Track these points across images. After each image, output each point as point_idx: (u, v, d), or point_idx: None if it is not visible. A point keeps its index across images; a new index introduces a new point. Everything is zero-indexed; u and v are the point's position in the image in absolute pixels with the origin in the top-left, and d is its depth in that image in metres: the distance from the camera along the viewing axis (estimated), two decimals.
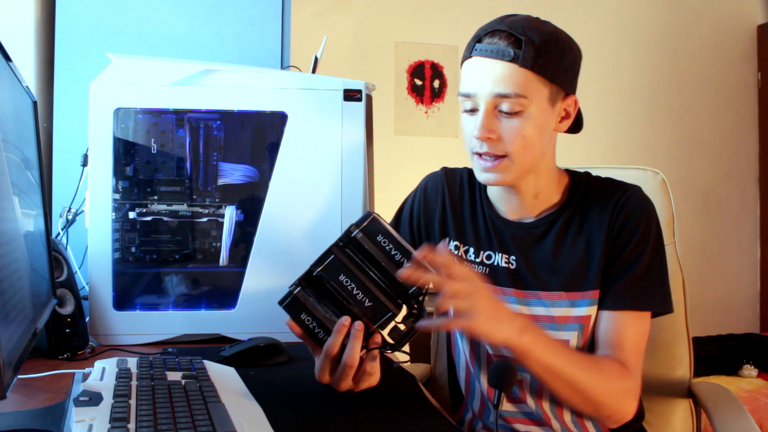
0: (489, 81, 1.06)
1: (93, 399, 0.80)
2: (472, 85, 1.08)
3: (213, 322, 1.38)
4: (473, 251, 1.19)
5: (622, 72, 3.53)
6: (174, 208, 1.44)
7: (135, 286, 1.45)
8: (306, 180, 1.39)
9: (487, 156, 1.09)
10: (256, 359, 1.17)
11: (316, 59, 1.63)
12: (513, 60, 1.05)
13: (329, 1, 2.39)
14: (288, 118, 1.38)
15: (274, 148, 1.42)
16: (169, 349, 1.22)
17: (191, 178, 1.48)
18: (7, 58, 0.91)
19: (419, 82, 3.33)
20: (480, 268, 1.18)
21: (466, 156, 1.15)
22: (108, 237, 1.34)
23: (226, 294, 1.42)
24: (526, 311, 1.13)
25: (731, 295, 3.65)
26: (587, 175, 1.19)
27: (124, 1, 1.73)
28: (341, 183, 1.39)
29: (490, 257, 1.17)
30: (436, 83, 3.35)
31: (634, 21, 3.54)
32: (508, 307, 1.02)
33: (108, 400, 0.81)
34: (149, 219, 1.43)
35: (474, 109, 1.09)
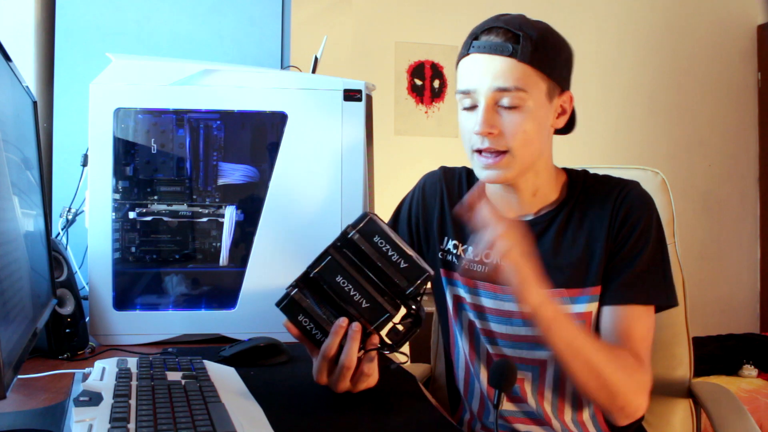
0: (488, 76, 1.06)
1: (93, 399, 0.80)
2: (471, 82, 1.09)
3: (213, 322, 1.38)
4: (472, 250, 1.19)
5: (622, 72, 3.53)
6: (174, 208, 1.44)
7: (135, 286, 1.45)
8: (306, 180, 1.39)
9: (488, 153, 1.09)
10: (256, 359, 1.17)
11: (316, 59, 1.63)
12: (512, 55, 1.05)
13: (329, 1, 2.39)
14: (288, 118, 1.38)
15: (274, 148, 1.42)
16: (169, 349, 1.21)
17: (191, 178, 1.48)
18: (7, 58, 0.91)
19: (419, 82, 3.33)
20: (479, 267, 1.18)
21: (466, 156, 1.15)
22: (108, 237, 1.34)
23: (226, 294, 1.42)
24: (522, 309, 1.13)
25: (731, 295, 3.65)
26: (585, 173, 1.20)
27: (124, 1, 1.73)
28: (341, 183, 1.39)
29: (488, 256, 1.17)
30: (436, 83, 3.35)
31: (634, 21, 3.54)
32: (541, 277, 1.01)
33: (108, 400, 0.81)
34: (149, 219, 1.43)
35: (473, 106, 1.09)
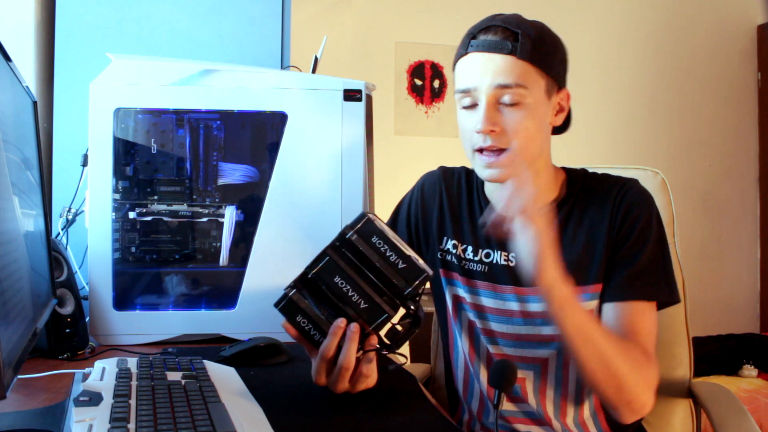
0: (489, 73, 1.07)
1: (93, 399, 0.80)
2: (471, 80, 1.09)
3: (213, 322, 1.38)
4: (471, 250, 1.19)
5: (622, 72, 3.53)
6: (174, 208, 1.44)
7: (135, 286, 1.45)
8: (306, 180, 1.39)
9: (490, 151, 1.09)
10: (256, 359, 1.17)
11: (316, 59, 1.63)
12: (511, 52, 1.06)
13: (329, 1, 2.40)
14: (288, 118, 1.38)
15: (274, 148, 1.42)
16: (169, 349, 1.21)
17: (191, 178, 1.48)
18: (7, 58, 0.91)
19: (419, 82, 3.33)
20: (479, 266, 1.17)
21: (465, 156, 1.15)
22: (108, 237, 1.34)
23: (226, 294, 1.42)
24: (525, 309, 1.13)
25: (731, 295, 3.65)
26: (584, 171, 1.20)
27: (124, 1, 1.73)
28: (341, 183, 1.39)
29: (489, 255, 1.17)
30: (436, 83, 3.35)
31: (634, 21, 3.54)
32: (559, 258, 1.00)
33: (108, 400, 0.81)
34: (149, 219, 1.43)
35: (473, 104, 1.09)
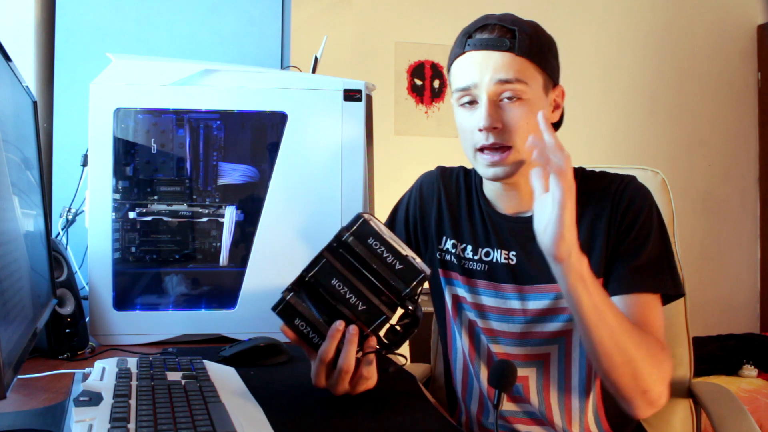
0: (489, 70, 1.07)
1: (93, 399, 0.80)
2: (471, 77, 1.09)
3: (213, 322, 1.38)
4: (471, 249, 1.19)
5: (622, 72, 3.53)
6: (174, 208, 1.44)
7: (135, 286, 1.45)
8: (306, 180, 1.39)
9: (492, 150, 1.09)
10: (256, 359, 1.17)
11: (316, 59, 1.63)
12: (509, 49, 1.06)
13: (329, 1, 2.39)
14: (288, 118, 1.38)
15: (274, 148, 1.42)
16: (169, 349, 1.21)
17: (191, 178, 1.48)
18: (7, 58, 0.91)
19: (419, 82, 3.33)
20: (478, 265, 1.17)
21: (466, 156, 1.15)
22: (108, 237, 1.34)
23: (226, 294, 1.42)
24: (526, 307, 1.13)
25: (731, 295, 3.65)
26: (582, 170, 1.20)
27: (124, 1, 1.73)
28: (341, 183, 1.39)
29: (488, 254, 1.17)
30: (436, 83, 3.35)
31: (634, 21, 3.54)
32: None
33: (108, 400, 0.81)
34: (149, 219, 1.43)
35: (473, 102, 1.09)
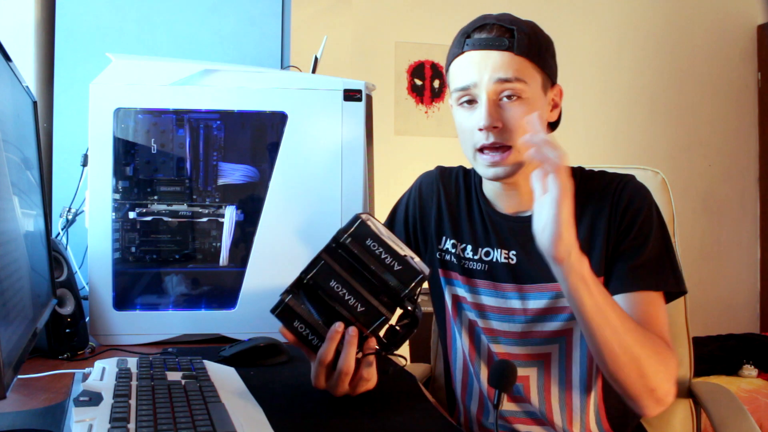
0: (488, 69, 1.07)
1: (93, 399, 0.80)
2: (470, 77, 1.09)
3: (213, 322, 1.38)
4: (471, 249, 1.19)
5: (622, 72, 3.53)
6: (174, 208, 1.44)
7: (135, 286, 1.45)
8: (306, 180, 1.39)
9: (492, 150, 1.08)
10: (256, 359, 1.17)
11: (316, 59, 1.63)
12: (508, 48, 1.07)
13: (329, 1, 2.39)
14: (288, 118, 1.38)
15: (274, 148, 1.42)
16: (169, 349, 1.21)
17: (191, 178, 1.48)
18: (7, 58, 0.91)
19: (419, 82, 3.33)
20: (479, 265, 1.17)
21: (465, 156, 1.15)
22: (108, 237, 1.34)
23: (226, 294, 1.42)
24: (526, 306, 1.13)
25: (731, 295, 3.65)
26: (581, 169, 1.20)
27: (124, 1, 1.73)
28: (341, 183, 1.39)
29: (488, 254, 1.17)
30: (436, 83, 3.35)
31: (634, 21, 3.54)
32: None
33: (108, 400, 0.81)
34: (149, 219, 1.43)
35: (472, 101, 1.09)
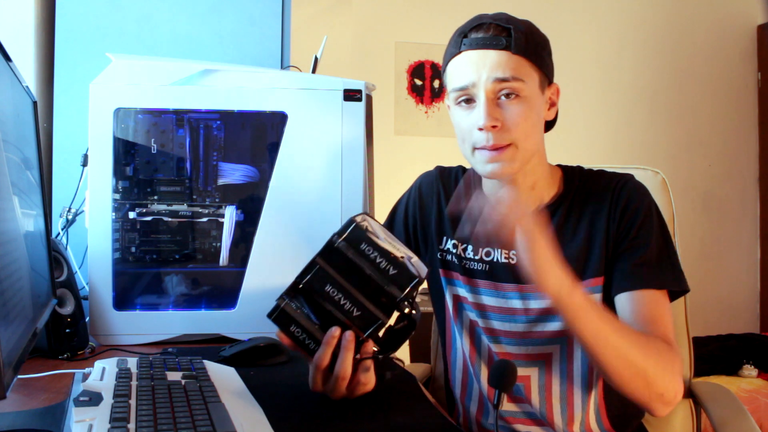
0: (486, 68, 1.07)
1: (93, 399, 0.80)
2: (468, 76, 1.08)
3: (213, 322, 1.38)
4: (471, 249, 1.19)
5: (622, 72, 3.53)
6: (174, 208, 1.44)
7: (135, 286, 1.45)
8: (306, 180, 1.39)
9: (493, 148, 1.08)
10: (256, 359, 1.17)
11: (316, 59, 1.63)
12: (506, 47, 1.07)
13: (329, 1, 2.39)
14: (288, 118, 1.38)
15: (274, 148, 1.42)
16: (169, 349, 1.22)
17: (191, 178, 1.48)
18: (7, 58, 0.91)
19: (419, 82, 3.33)
20: (479, 265, 1.17)
21: (464, 156, 1.15)
22: (108, 237, 1.34)
23: (226, 294, 1.42)
24: (527, 306, 1.13)
25: (731, 295, 3.65)
26: (580, 168, 1.20)
27: (124, 1, 1.73)
28: (341, 183, 1.39)
29: (489, 254, 1.17)
30: (436, 83, 3.35)
31: (634, 21, 3.54)
32: (562, 262, 0.96)
33: (108, 400, 0.81)
34: (149, 219, 1.43)
35: (470, 100, 1.09)
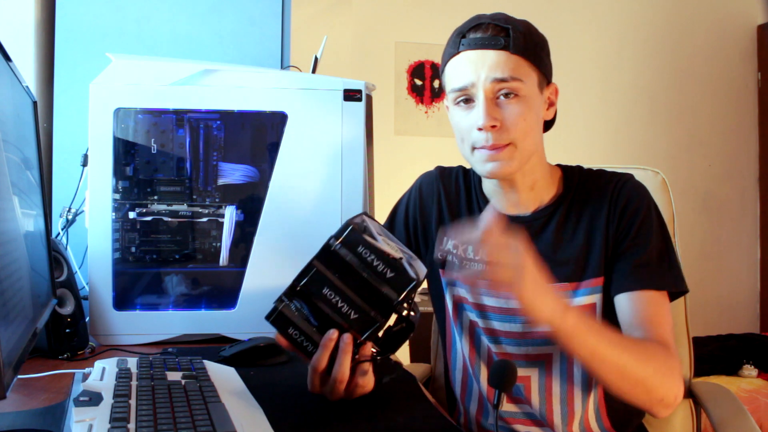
0: (484, 68, 1.07)
1: (93, 399, 0.80)
2: (467, 76, 1.08)
3: (213, 322, 1.38)
4: (471, 249, 1.19)
5: (622, 72, 3.53)
6: (174, 208, 1.44)
7: (135, 286, 1.45)
8: (306, 180, 1.39)
9: (492, 148, 1.08)
10: (256, 359, 1.17)
11: (316, 59, 1.63)
12: (504, 47, 1.07)
13: (329, 1, 2.39)
14: (288, 118, 1.38)
15: (274, 148, 1.42)
16: (169, 349, 1.22)
17: (191, 178, 1.48)
18: (7, 58, 0.91)
19: (419, 82, 3.33)
20: (479, 266, 1.17)
21: (463, 156, 1.15)
22: (108, 237, 1.34)
23: (226, 294, 1.42)
24: None
25: (731, 295, 3.65)
26: (579, 168, 1.20)
27: (124, 1, 1.73)
28: (341, 183, 1.39)
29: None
30: (436, 83, 3.35)
31: (634, 21, 3.54)
32: (551, 287, 0.96)
33: (108, 400, 0.81)
34: (149, 219, 1.43)
35: (469, 100, 1.09)
